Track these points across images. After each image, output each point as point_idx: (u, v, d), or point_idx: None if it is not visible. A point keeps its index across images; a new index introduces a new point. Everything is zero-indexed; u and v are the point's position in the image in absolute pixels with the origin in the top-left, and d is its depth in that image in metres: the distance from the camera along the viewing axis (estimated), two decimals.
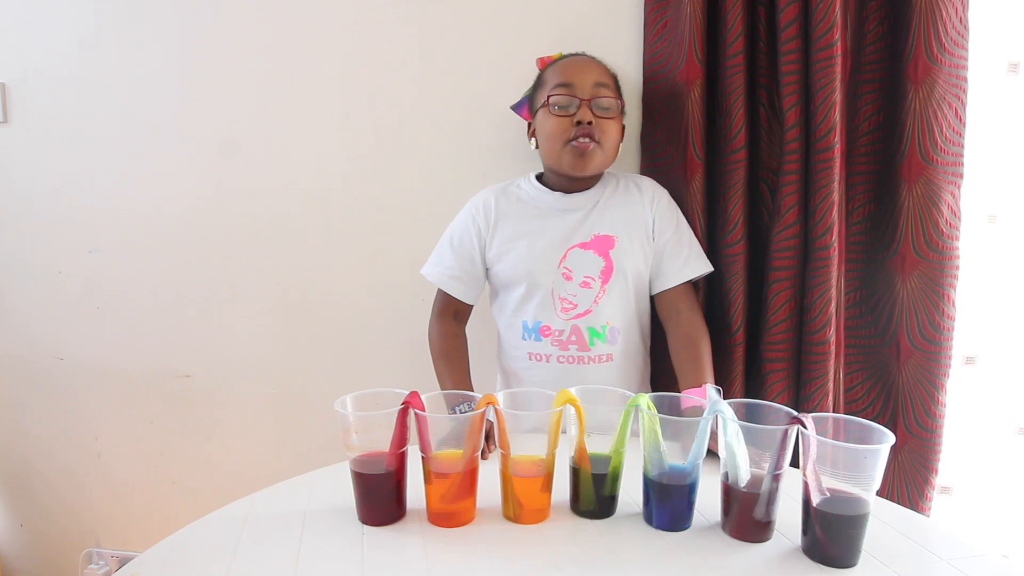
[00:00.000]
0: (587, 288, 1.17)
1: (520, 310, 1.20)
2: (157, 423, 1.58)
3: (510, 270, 1.19)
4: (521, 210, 1.21)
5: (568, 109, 1.14)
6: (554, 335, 1.17)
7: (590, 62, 1.18)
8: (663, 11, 1.28)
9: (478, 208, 1.22)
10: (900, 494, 1.25)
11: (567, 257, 1.17)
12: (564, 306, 1.17)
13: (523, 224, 1.20)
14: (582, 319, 1.17)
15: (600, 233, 1.17)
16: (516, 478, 0.83)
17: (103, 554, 1.64)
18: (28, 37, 1.46)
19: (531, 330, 1.19)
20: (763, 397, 1.20)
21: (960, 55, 1.16)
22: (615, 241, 1.17)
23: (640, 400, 0.82)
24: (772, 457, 0.77)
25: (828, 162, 1.17)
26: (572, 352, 1.17)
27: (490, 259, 1.21)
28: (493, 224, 1.21)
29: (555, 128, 1.14)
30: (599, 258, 1.17)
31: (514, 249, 1.19)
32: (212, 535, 0.81)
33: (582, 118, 1.12)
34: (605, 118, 1.14)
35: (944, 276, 1.19)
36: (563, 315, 1.17)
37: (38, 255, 1.54)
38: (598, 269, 1.17)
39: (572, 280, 1.17)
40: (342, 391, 0.85)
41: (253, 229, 1.48)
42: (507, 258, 1.19)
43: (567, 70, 1.16)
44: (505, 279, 1.21)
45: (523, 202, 1.22)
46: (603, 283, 1.16)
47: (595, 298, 1.16)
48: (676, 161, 1.27)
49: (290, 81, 1.42)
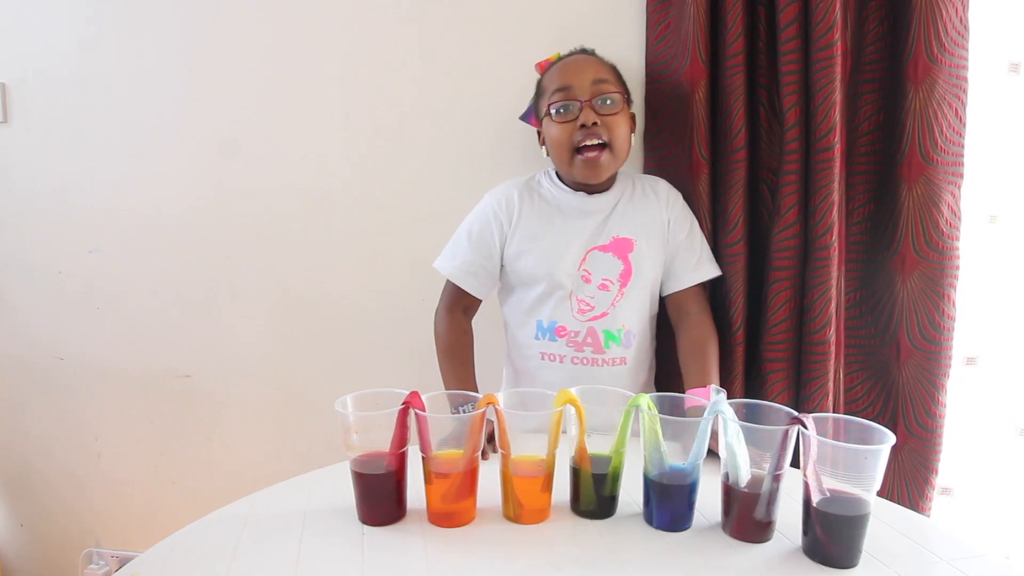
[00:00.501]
0: (605, 291, 1.16)
1: (536, 309, 1.18)
2: (157, 423, 1.58)
3: (531, 269, 1.17)
4: (543, 209, 1.19)
5: (570, 113, 1.12)
6: (569, 336, 1.16)
7: (586, 60, 1.16)
8: (666, 11, 1.27)
9: (500, 203, 1.19)
10: (900, 494, 1.25)
11: (587, 259, 1.16)
12: (581, 307, 1.16)
13: (545, 223, 1.18)
14: (598, 321, 1.16)
15: (619, 236, 1.16)
16: (516, 478, 0.83)
17: (103, 554, 1.64)
18: (28, 37, 1.46)
19: (546, 330, 1.17)
20: (763, 397, 1.20)
21: (960, 55, 1.16)
22: (634, 244, 1.16)
23: (640, 400, 0.82)
24: (772, 457, 0.77)
25: (828, 162, 1.17)
26: (587, 354, 1.16)
27: (509, 256, 1.19)
28: (516, 220, 1.17)
29: (560, 135, 1.12)
30: (618, 261, 1.16)
31: (536, 248, 1.17)
32: (212, 535, 0.81)
33: (585, 121, 1.10)
34: (609, 115, 1.12)
35: (944, 276, 1.19)
36: (580, 316, 1.16)
37: (38, 255, 1.54)
38: (617, 272, 1.16)
39: (591, 282, 1.16)
40: (342, 391, 0.85)
41: (253, 229, 1.48)
42: (528, 257, 1.17)
43: (563, 73, 1.14)
44: (524, 277, 1.18)
45: (545, 200, 1.20)
46: (621, 286, 1.16)
47: (612, 301, 1.16)
48: (682, 162, 1.27)
49: (290, 81, 1.42)
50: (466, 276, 1.19)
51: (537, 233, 1.17)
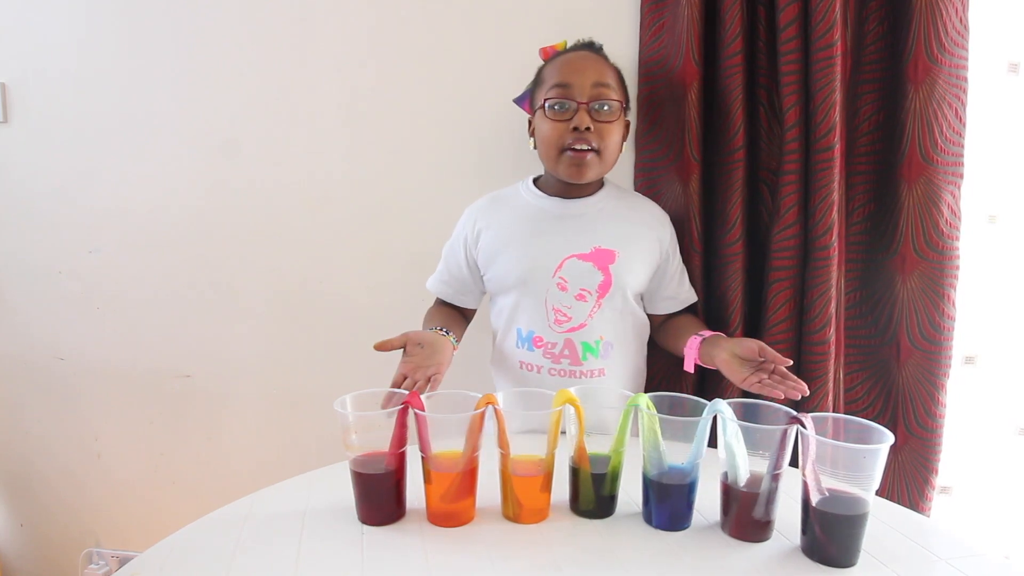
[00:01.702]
0: (582, 301, 1.13)
1: (514, 317, 1.17)
2: (157, 423, 1.58)
3: (502, 276, 1.17)
4: (512, 215, 1.18)
5: (565, 112, 1.09)
6: (546, 347, 1.14)
7: (590, 59, 1.13)
8: (660, 12, 1.27)
9: (468, 216, 1.22)
10: (900, 494, 1.25)
11: (563, 267, 1.13)
12: (558, 318, 1.14)
13: (514, 229, 1.17)
14: (575, 333, 1.13)
15: (601, 246, 1.13)
16: (516, 478, 0.83)
17: (103, 554, 1.64)
18: (28, 37, 1.46)
19: (524, 339, 1.16)
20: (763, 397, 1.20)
21: (960, 55, 1.16)
22: (616, 256, 1.13)
23: (640, 400, 0.82)
24: (771, 457, 0.77)
25: (828, 162, 1.17)
26: (564, 366, 1.14)
27: (482, 265, 1.20)
28: (478, 231, 1.19)
29: (551, 133, 1.10)
30: (598, 272, 1.13)
31: (504, 254, 1.16)
32: (212, 535, 0.81)
33: (579, 124, 1.08)
34: (605, 121, 1.10)
35: (944, 276, 1.19)
36: (556, 328, 1.14)
37: (38, 255, 1.54)
38: (596, 283, 1.13)
39: (567, 291, 1.13)
40: (342, 391, 0.85)
41: (253, 229, 1.48)
42: (498, 263, 1.17)
43: (565, 69, 1.11)
44: (498, 285, 1.19)
45: (515, 207, 1.19)
46: (599, 297, 1.13)
47: (590, 312, 1.13)
48: (673, 162, 1.26)
49: (290, 81, 1.42)
50: (442, 286, 1.25)
51: (505, 239, 1.17)
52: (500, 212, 1.20)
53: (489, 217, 1.20)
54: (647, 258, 1.17)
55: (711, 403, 0.81)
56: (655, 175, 1.29)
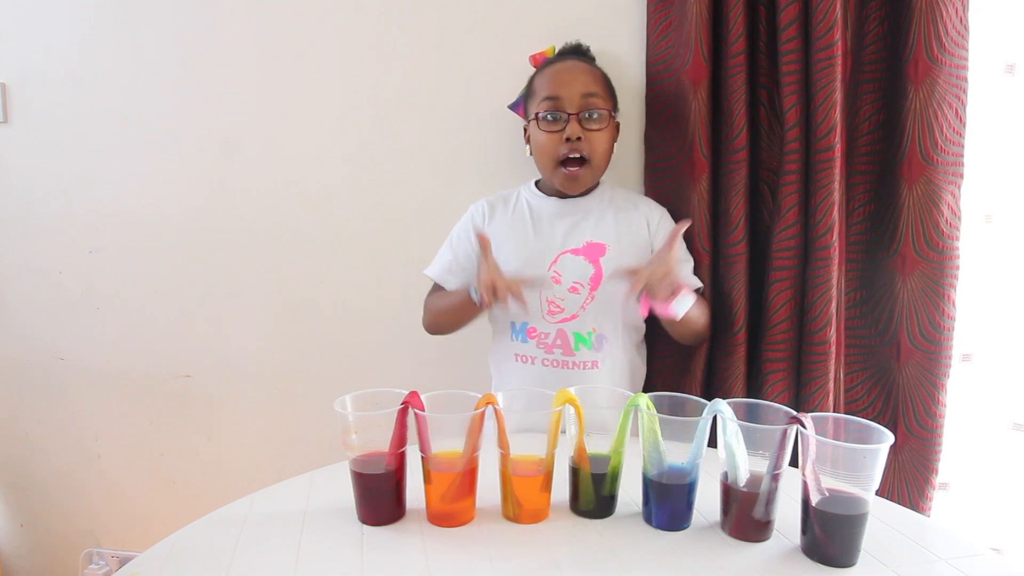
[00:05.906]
0: (575, 293, 1.17)
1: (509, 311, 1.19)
2: (157, 423, 1.58)
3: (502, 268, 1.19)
4: (515, 214, 1.24)
5: (558, 123, 1.15)
6: (540, 337, 1.18)
7: (578, 69, 1.18)
8: (667, 11, 1.27)
9: (476, 209, 1.27)
10: (900, 494, 1.25)
11: (558, 261, 1.18)
12: (551, 309, 1.18)
13: (516, 225, 1.23)
14: (568, 324, 1.17)
15: (592, 241, 1.19)
16: (516, 478, 0.83)
17: (103, 554, 1.64)
18: (28, 37, 1.46)
19: (519, 331, 1.20)
20: (763, 397, 1.20)
21: (960, 55, 1.16)
22: (606, 249, 1.18)
23: (640, 400, 0.82)
24: (771, 457, 0.77)
25: (828, 162, 1.17)
26: (556, 356, 1.17)
27: None
28: (487, 225, 1.24)
29: (545, 145, 1.17)
30: (589, 265, 1.18)
31: (504, 248, 1.19)
32: (212, 535, 0.81)
33: (570, 135, 1.14)
34: (594, 130, 1.15)
35: (944, 276, 1.19)
36: (550, 318, 1.18)
37: (38, 256, 1.54)
38: (587, 275, 1.17)
39: (561, 284, 1.17)
40: (342, 391, 0.85)
41: (253, 229, 1.48)
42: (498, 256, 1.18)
43: (554, 81, 1.17)
44: None
45: (517, 207, 1.25)
46: (591, 290, 1.17)
47: (582, 304, 1.17)
48: (682, 161, 1.27)
49: (289, 81, 1.43)
50: (447, 275, 1.26)
51: (507, 234, 1.21)
52: (504, 209, 1.25)
53: (494, 212, 1.25)
54: (637, 253, 1.19)
55: (711, 403, 0.81)
56: (665, 175, 1.29)
